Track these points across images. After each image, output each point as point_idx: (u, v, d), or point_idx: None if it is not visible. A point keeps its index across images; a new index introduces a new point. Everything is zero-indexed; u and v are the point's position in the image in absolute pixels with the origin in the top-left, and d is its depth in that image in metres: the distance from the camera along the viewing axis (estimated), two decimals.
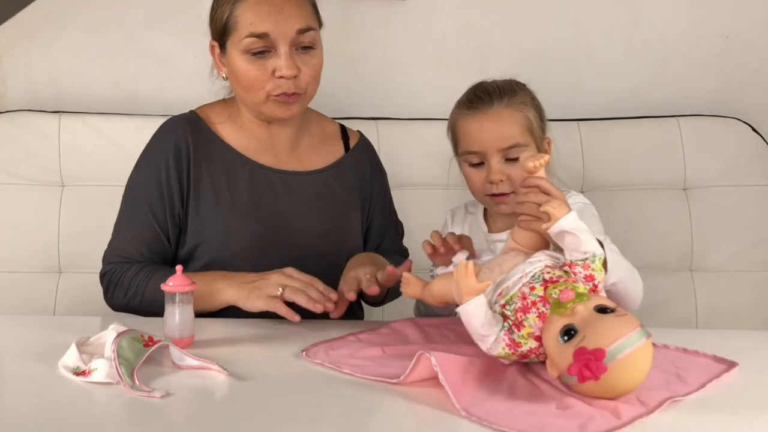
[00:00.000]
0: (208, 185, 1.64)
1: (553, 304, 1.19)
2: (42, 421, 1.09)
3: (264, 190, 1.67)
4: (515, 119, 1.55)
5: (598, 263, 1.25)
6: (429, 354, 1.16)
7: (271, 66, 1.58)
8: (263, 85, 1.59)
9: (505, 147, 1.54)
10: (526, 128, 1.56)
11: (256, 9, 1.57)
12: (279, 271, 1.50)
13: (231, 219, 1.63)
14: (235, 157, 1.67)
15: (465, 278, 1.23)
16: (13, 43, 2.13)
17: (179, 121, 1.70)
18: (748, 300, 2.07)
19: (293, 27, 1.57)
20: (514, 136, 1.54)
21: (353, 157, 1.78)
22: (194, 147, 1.65)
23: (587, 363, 1.10)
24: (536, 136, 1.57)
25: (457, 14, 2.21)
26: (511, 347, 1.22)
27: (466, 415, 1.09)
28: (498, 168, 1.55)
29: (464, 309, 1.23)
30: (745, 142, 2.13)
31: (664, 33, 2.23)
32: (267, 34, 1.56)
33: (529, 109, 1.57)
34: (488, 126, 1.55)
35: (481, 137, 1.56)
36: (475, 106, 1.58)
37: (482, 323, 1.23)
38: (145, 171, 1.66)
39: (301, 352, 1.33)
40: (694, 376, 1.22)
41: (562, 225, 1.25)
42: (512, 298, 1.24)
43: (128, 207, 1.66)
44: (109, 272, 1.65)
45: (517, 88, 1.60)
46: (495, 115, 1.55)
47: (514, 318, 1.22)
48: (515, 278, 1.26)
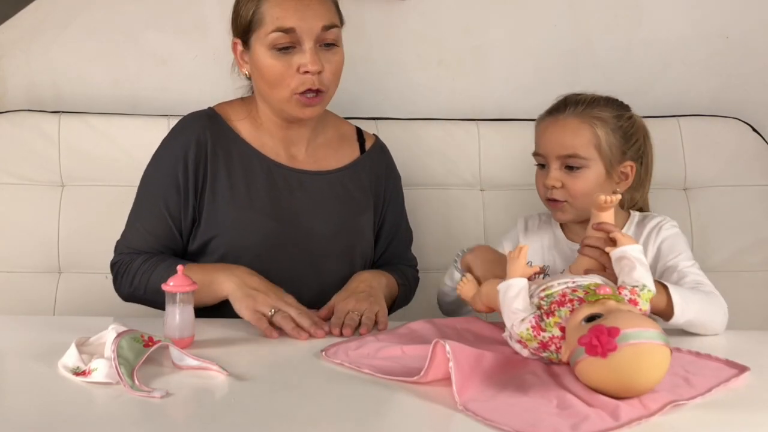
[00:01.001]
0: (225, 181, 1.65)
1: (589, 293, 1.22)
2: (42, 421, 1.09)
3: (280, 188, 1.67)
4: (581, 131, 1.58)
5: (646, 294, 1.30)
6: (444, 342, 1.17)
7: (296, 62, 1.58)
8: (288, 81, 1.59)
9: (563, 155, 1.58)
10: (592, 143, 1.58)
11: (282, 5, 1.58)
12: (280, 297, 1.50)
13: (246, 215, 1.64)
14: (252, 154, 1.68)
15: (516, 259, 1.34)
16: (13, 43, 2.13)
17: (198, 117, 1.70)
18: (748, 300, 2.07)
19: (319, 23, 1.58)
20: (575, 146, 1.58)
21: (369, 159, 1.79)
22: (212, 142, 1.65)
23: (599, 335, 1.12)
24: (605, 156, 1.58)
25: (457, 14, 2.21)
26: (535, 330, 1.27)
27: (463, 410, 1.10)
28: (555, 175, 1.59)
29: (506, 283, 1.32)
30: (745, 142, 2.13)
31: (664, 33, 2.23)
32: (293, 29, 1.57)
33: (603, 125, 1.58)
34: (552, 131, 1.60)
35: (545, 141, 1.62)
36: (551, 110, 1.64)
37: (517, 300, 1.30)
38: (162, 165, 1.67)
39: (321, 352, 1.34)
40: (702, 380, 1.22)
41: (626, 251, 1.33)
42: (553, 294, 1.30)
43: (143, 200, 1.67)
44: (118, 262, 1.66)
45: (604, 103, 1.62)
46: (562, 123, 1.60)
47: (548, 307, 1.27)
48: (562, 280, 1.33)
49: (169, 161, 1.65)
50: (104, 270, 1.97)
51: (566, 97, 1.65)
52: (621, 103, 1.66)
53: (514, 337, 1.31)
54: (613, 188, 1.60)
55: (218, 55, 2.14)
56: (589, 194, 1.55)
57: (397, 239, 1.83)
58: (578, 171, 1.58)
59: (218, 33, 1.80)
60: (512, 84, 2.20)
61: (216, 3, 2.12)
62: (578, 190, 1.58)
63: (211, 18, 2.14)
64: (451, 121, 2.14)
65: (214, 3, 2.13)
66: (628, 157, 1.61)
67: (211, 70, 2.15)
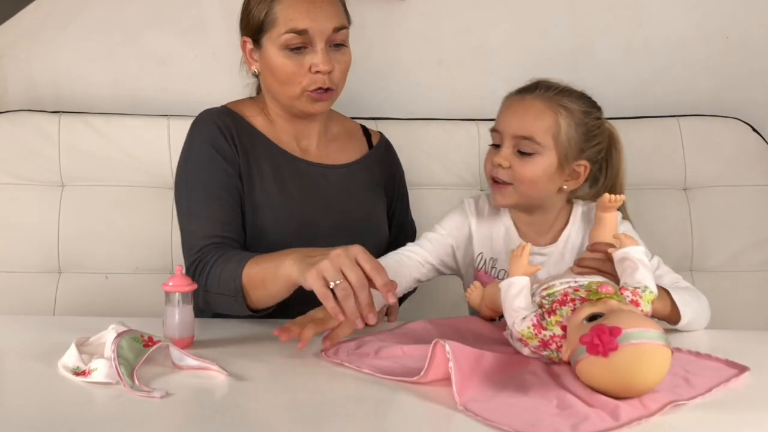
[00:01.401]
0: (255, 170, 1.66)
1: (591, 292, 1.23)
2: (42, 421, 1.09)
3: (305, 179, 1.70)
4: (543, 116, 1.50)
5: (648, 295, 1.30)
6: (444, 342, 1.17)
7: (308, 62, 1.61)
8: (300, 79, 1.62)
9: (519, 135, 1.49)
10: (551, 132, 1.49)
11: (296, 6, 1.61)
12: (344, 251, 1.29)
13: (277, 204, 1.65)
14: (273, 147, 1.70)
15: (519, 258, 1.34)
16: (13, 43, 2.13)
17: (216, 111, 1.70)
18: (748, 300, 2.07)
19: (330, 24, 1.61)
20: (533, 130, 1.49)
21: (378, 154, 1.84)
22: (236, 132, 1.66)
23: (600, 334, 1.12)
24: (561, 147, 1.50)
25: (457, 14, 2.21)
26: (537, 328, 1.27)
27: (464, 410, 1.10)
28: (506, 153, 1.51)
29: (508, 281, 1.32)
30: (745, 142, 2.13)
31: (664, 33, 2.23)
32: (306, 30, 1.60)
33: (567, 117, 1.50)
34: (515, 109, 1.52)
35: (505, 118, 1.54)
36: (521, 89, 1.56)
37: (519, 298, 1.29)
38: (197, 158, 1.63)
39: (321, 352, 1.34)
40: (702, 380, 1.22)
41: (629, 252, 1.33)
42: (555, 293, 1.30)
43: (192, 199, 1.61)
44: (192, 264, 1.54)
45: (575, 96, 1.54)
46: (528, 104, 1.51)
47: (550, 306, 1.27)
48: (564, 279, 1.33)
49: (202, 152, 1.63)
50: (104, 270, 1.98)
51: (540, 80, 1.56)
52: (594, 102, 1.57)
53: (515, 335, 1.31)
54: (561, 184, 1.53)
55: (218, 55, 2.15)
56: (535, 182, 1.50)
57: (404, 233, 1.87)
58: (529, 156, 1.49)
59: (218, 33, 1.81)
60: (512, 84, 2.17)
61: (216, 3, 2.12)
62: (525, 175, 1.49)
63: (211, 18, 2.14)
64: (451, 121, 2.14)
65: (214, 3, 2.13)
66: (584, 156, 1.53)
67: (211, 70, 2.15)
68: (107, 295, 1.96)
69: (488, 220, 1.61)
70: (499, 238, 1.59)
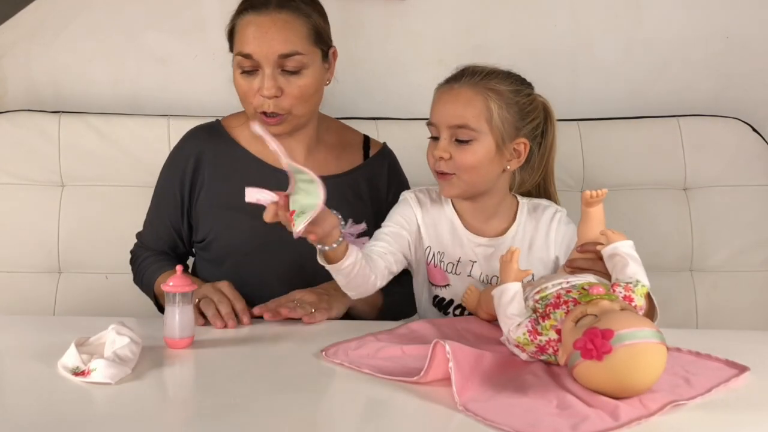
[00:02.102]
0: (221, 187, 1.70)
1: (582, 294, 1.22)
2: (42, 421, 1.09)
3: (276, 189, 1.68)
4: (473, 102, 1.50)
5: (640, 289, 1.29)
6: (444, 342, 1.17)
7: (257, 84, 1.63)
8: (251, 99, 1.65)
9: (453, 125, 1.50)
10: (483, 116, 1.49)
11: (245, 29, 1.63)
12: (210, 284, 1.56)
13: (235, 216, 1.68)
14: (250, 161, 1.72)
15: (509, 263, 1.33)
16: (13, 43, 2.13)
17: (199, 129, 1.79)
18: (748, 300, 2.07)
19: (275, 51, 1.61)
20: (466, 117, 1.49)
21: (369, 166, 1.80)
22: (212, 152, 1.73)
23: (593, 338, 1.12)
24: (496, 130, 1.50)
25: (457, 14, 2.21)
26: (532, 334, 1.26)
27: (464, 411, 1.09)
28: (444, 145, 1.51)
29: (501, 287, 1.31)
30: (745, 142, 2.13)
31: (664, 33, 2.23)
32: (250, 55, 1.61)
33: (497, 99, 1.50)
34: (446, 100, 1.53)
35: (437, 110, 1.55)
36: (449, 79, 1.56)
37: (512, 304, 1.29)
38: (165, 176, 1.77)
39: (321, 352, 1.34)
40: (702, 380, 1.22)
41: (618, 248, 1.33)
42: (548, 296, 1.29)
43: (153, 204, 1.80)
44: (133, 252, 1.82)
45: (502, 77, 1.54)
46: (456, 92, 1.52)
47: (543, 310, 1.26)
48: (556, 281, 1.32)
49: (170, 173, 1.76)
50: (104, 270, 1.98)
51: (465, 67, 1.56)
52: (522, 80, 1.57)
53: (511, 342, 1.30)
54: (504, 165, 1.53)
55: (218, 55, 2.14)
56: (477, 168, 1.50)
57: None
58: (467, 144, 1.49)
59: (218, 33, 1.79)
60: None
61: (216, 3, 2.12)
62: (466, 162, 1.50)
63: (211, 18, 2.14)
64: None
65: (214, 3, 2.13)
66: (522, 134, 1.53)
67: (211, 70, 2.15)
68: (107, 295, 1.96)
69: (432, 213, 1.60)
70: (444, 232, 1.58)
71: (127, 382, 1.20)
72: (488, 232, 1.57)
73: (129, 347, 1.26)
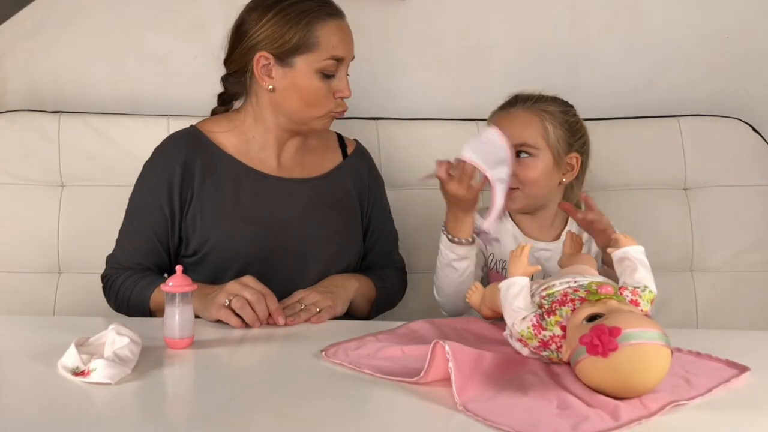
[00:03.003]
0: (213, 195, 1.68)
1: (591, 292, 1.23)
2: (41, 421, 1.09)
3: (267, 197, 1.71)
4: (530, 123, 1.67)
5: (647, 295, 1.30)
6: (444, 342, 1.17)
7: (334, 87, 1.67)
8: (325, 103, 1.67)
9: (514, 144, 1.61)
10: (540, 135, 1.66)
11: (338, 33, 1.66)
12: (236, 281, 1.52)
13: (234, 225, 1.67)
14: (237, 167, 1.71)
15: (518, 258, 1.35)
16: (14, 43, 2.13)
17: (181, 137, 1.74)
18: (748, 300, 2.07)
19: (353, 54, 1.70)
20: (525, 136, 1.65)
21: (351, 163, 1.83)
22: (198, 160, 1.69)
23: (600, 335, 1.12)
24: (553, 147, 1.67)
25: (457, 14, 2.21)
26: (536, 328, 1.27)
27: (464, 411, 1.10)
28: None
29: (508, 281, 1.33)
30: (745, 142, 2.13)
31: (665, 33, 2.23)
32: (343, 58, 1.67)
33: (551, 118, 1.68)
34: (504, 124, 1.64)
35: None
36: (503, 106, 1.73)
37: (519, 298, 1.30)
38: (147, 188, 1.71)
39: (321, 352, 1.34)
40: (702, 380, 1.22)
41: (628, 252, 1.34)
42: (554, 293, 1.30)
43: (131, 220, 1.72)
44: (106, 276, 1.72)
45: (551, 100, 1.72)
46: (513, 116, 1.69)
47: (549, 306, 1.27)
48: (564, 279, 1.34)
49: (155, 185, 1.69)
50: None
51: (516, 94, 1.73)
52: (567, 103, 1.74)
53: (514, 336, 1.31)
54: (560, 178, 1.70)
55: (218, 55, 2.14)
56: (538, 181, 1.66)
57: (382, 241, 1.85)
58: (528, 159, 1.65)
59: (218, 33, 1.79)
60: (512, 84, 2.19)
61: (216, 3, 2.12)
62: (528, 177, 1.65)
63: (211, 18, 2.14)
64: (451, 121, 2.14)
65: (214, 3, 2.13)
66: (574, 149, 1.70)
67: (211, 70, 2.14)
68: None
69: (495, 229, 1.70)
70: (508, 245, 1.67)
71: (127, 382, 1.20)
72: (546, 238, 1.71)
73: (129, 347, 1.26)
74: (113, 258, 1.72)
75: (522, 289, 1.31)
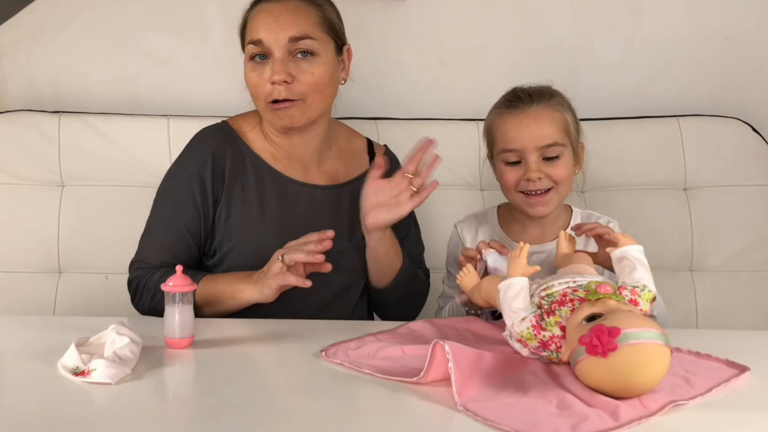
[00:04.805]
0: (240, 196, 1.67)
1: (590, 292, 1.23)
2: (41, 421, 1.09)
3: (290, 203, 1.69)
4: (554, 119, 1.62)
5: (647, 294, 1.30)
6: (444, 342, 1.17)
7: (268, 72, 1.61)
8: (261, 91, 1.62)
9: (543, 145, 1.59)
10: (564, 129, 1.62)
11: (256, 17, 1.64)
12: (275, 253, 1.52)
13: (257, 230, 1.66)
14: (265, 170, 1.70)
15: (517, 258, 1.34)
16: (13, 43, 2.13)
17: (214, 131, 1.72)
18: (748, 300, 2.07)
19: (286, 34, 1.61)
20: (553, 135, 1.60)
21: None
22: (228, 158, 1.67)
23: (599, 335, 1.12)
24: (572, 139, 1.63)
25: (457, 14, 2.21)
26: (536, 329, 1.26)
27: (463, 411, 1.10)
28: (536, 166, 1.60)
29: (507, 281, 1.31)
30: (745, 142, 2.13)
31: (664, 33, 2.23)
32: (261, 40, 1.61)
33: (566, 110, 1.64)
34: (527, 124, 1.61)
35: (520, 135, 1.61)
36: (515, 105, 1.64)
37: (518, 299, 1.29)
38: (179, 182, 1.68)
39: (321, 352, 1.34)
40: (702, 380, 1.22)
41: (627, 252, 1.34)
42: (554, 293, 1.29)
43: (161, 216, 1.68)
44: (135, 278, 1.66)
45: (554, 92, 1.67)
46: (535, 114, 1.62)
47: (549, 307, 1.27)
48: (563, 280, 1.33)
49: (186, 179, 1.67)
50: (104, 270, 1.98)
51: (519, 90, 1.66)
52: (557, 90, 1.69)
53: (514, 336, 1.31)
54: (575, 170, 1.67)
55: (218, 55, 2.15)
56: (569, 178, 1.63)
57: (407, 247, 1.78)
58: (557, 159, 1.61)
59: (218, 33, 1.81)
60: (512, 84, 2.19)
61: (216, 3, 2.12)
62: (561, 176, 1.61)
63: (211, 18, 2.14)
64: (451, 121, 2.14)
65: (214, 3, 2.13)
66: (580, 137, 1.68)
67: (211, 70, 2.16)
68: (107, 295, 1.95)
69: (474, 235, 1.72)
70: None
71: (127, 382, 1.20)
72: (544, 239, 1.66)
73: (129, 347, 1.26)
74: (140, 259, 1.68)
75: (521, 289, 1.31)
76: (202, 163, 1.66)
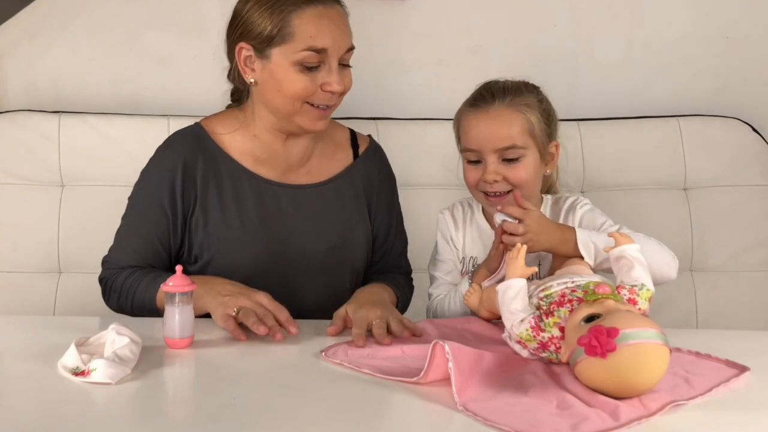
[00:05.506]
0: (216, 201, 1.64)
1: (588, 293, 1.22)
2: (41, 421, 1.09)
3: (270, 207, 1.66)
4: (514, 120, 1.55)
5: (645, 293, 1.30)
6: (443, 342, 1.17)
7: (320, 79, 1.58)
8: (309, 96, 1.58)
9: (501, 147, 1.55)
10: (526, 131, 1.55)
11: (316, 22, 1.56)
12: (252, 295, 1.45)
13: (236, 235, 1.63)
14: (241, 173, 1.66)
15: (515, 260, 1.33)
16: (13, 43, 2.13)
17: (185, 136, 1.68)
18: (748, 300, 2.07)
19: (345, 45, 1.59)
20: (512, 137, 1.54)
21: (362, 165, 1.77)
22: (201, 163, 1.64)
23: (598, 336, 1.12)
24: (538, 140, 1.56)
25: (457, 14, 2.21)
26: (535, 330, 1.26)
27: (463, 411, 1.10)
28: (493, 168, 1.56)
29: (505, 283, 1.31)
30: (745, 142, 2.13)
31: (664, 33, 2.23)
32: (325, 49, 1.56)
33: (532, 111, 1.56)
34: (486, 125, 1.56)
35: (479, 136, 1.58)
36: (477, 103, 1.59)
37: (516, 300, 1.29)
38: (149, 188, 1.65)
39: (321, 352, 1.34)
40: (702, 380, 1.22)
41: (624, 251, 1.33)
42: (552, 294, 1.29)
43: (131, 220, 1.67)
44: (105, 277, 1.67)
45: (525, 89, 1.59)
46: (494, 114, 1.56)
47: (547, 308, 1.27)
48: (561, 280, 1.33)
49: (156, 185, 1.64)
50: None
51: (486, 86, 1.60)
52: (534, 86, 1.62)
53: (513, 338, 1.31)
54: (545, 170, 1.61)
55: (218, 55, 2.13)
56: (530, 180, 1.56)
57: (388, 244, 1.79)
58: (517, 161, 1.55)
59: (218, 33, 1.79)
60: None
61: (216, 3, 2.12)
62: (520, 179, 1.55)
63: (210, 18, 2.14)
64: (451, 121, 2.14)
65: (214, 3, 2.13)
66: (553, 137, 1.60)
67: (211, 70, 2.14)
68: None
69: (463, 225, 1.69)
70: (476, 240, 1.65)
71: (127, 382, 1.20)
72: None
73: (129, 347, 1.26)
74: (110, 259, 1.67)
75: (519, 291, 1.31)
76: (173, 169, 1.62)
